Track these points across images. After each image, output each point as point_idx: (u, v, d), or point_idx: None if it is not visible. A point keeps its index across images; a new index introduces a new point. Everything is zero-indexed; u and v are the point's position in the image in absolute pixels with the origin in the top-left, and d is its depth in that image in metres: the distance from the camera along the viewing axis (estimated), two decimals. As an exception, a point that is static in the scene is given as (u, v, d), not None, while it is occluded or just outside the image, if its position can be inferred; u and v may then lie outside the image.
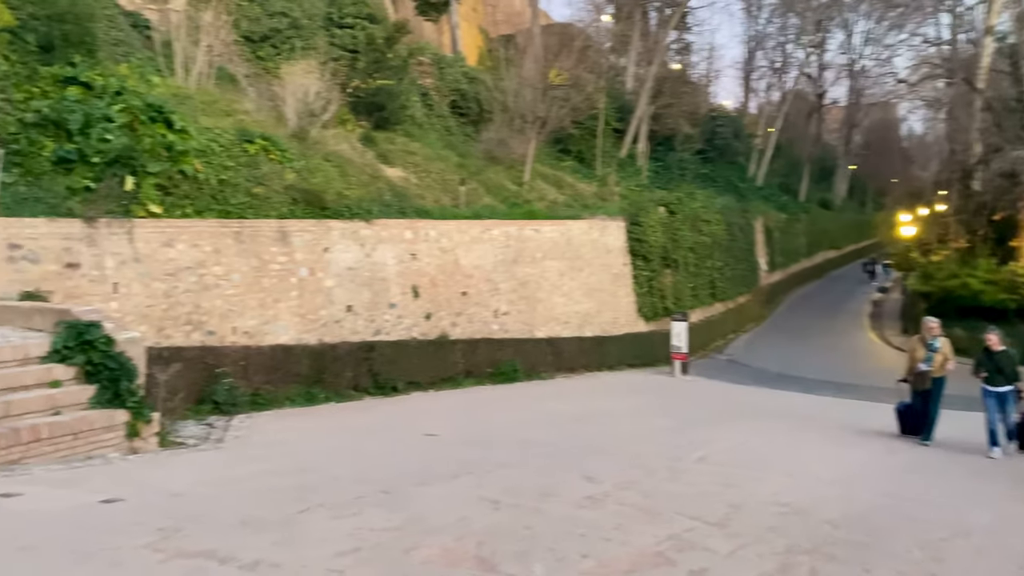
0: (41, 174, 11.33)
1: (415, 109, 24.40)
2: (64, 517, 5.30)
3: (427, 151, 22.04)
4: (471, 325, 17.84)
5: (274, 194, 14.13)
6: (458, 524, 5.25)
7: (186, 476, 7.02)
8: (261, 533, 4.87)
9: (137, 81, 14.69)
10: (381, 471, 7.17)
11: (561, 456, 8.29)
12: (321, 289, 14.30)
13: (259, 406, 12.23)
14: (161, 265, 11.74)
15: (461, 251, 17.79)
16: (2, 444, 7.29)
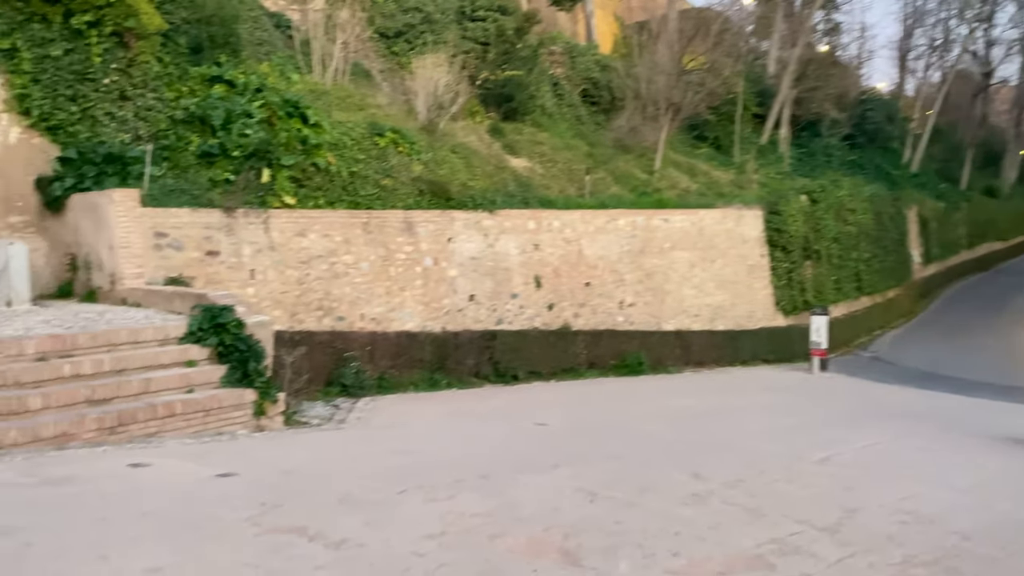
0: (187, 167, 12.13)
1: (545, 99, 24.39)
2: (181, 488, 5.63)
3: (555, 141, 21.98)
4: (595, 316, 17.66)
5: (401, 186, 14.51)
6: (549, 514, 5.17)
7: (301, 454, 7.31)
8: (355, 512, 4.98)
9: (277, 78, 15.48)
10: (485, 457, 7.19)
11: (672, 451, 8.03)
12: (445, 278, 14.56)
13: (384, 389, 12.61)
14: (294, 253, 12.30)
15: (585, 241, 17.62)
16: (140, 418, 7.85)
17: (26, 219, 11.38)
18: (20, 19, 11.19)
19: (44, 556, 3.88)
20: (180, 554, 4.01)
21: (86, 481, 5.78)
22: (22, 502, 5.06)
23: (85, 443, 7.36)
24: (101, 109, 11.83)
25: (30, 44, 11.23)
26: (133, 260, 10.57)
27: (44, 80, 11.31)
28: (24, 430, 7.03)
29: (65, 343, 8.10)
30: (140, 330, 8.77)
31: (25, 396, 7.37)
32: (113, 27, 11.81)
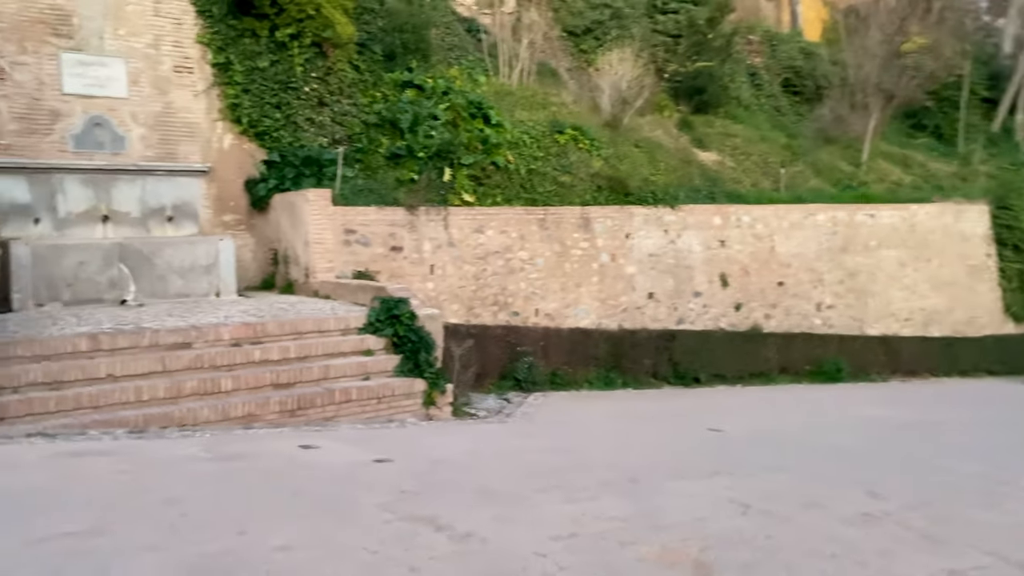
0: (376, 168, 12.79)
1: (741, 90, 23.38)
2: (336, 471, 5.88)
3: (750, 133, 20.95)
4: (788, 318, 16.63)
5: (579, 182, 14.43)
6: (692, 524, 4.85)
7: (458, 445, 7.42)
8: (490, 506, 4.94)
9: (465, 81, 15.93)
10: (641, 459, 6.92)
11: (853, 465, 7.32)
12: (622, 275, 14.31)
13: (557, 386, 12.62)
14: (472, 249, 12.59)
15: (778, 238, 16.65)
16: (319, 403, 8.35)
17: (237, 218, 12.50)
18: (233, 35, 12.30)
19: (191, 526, 4.16)
20: (310, 534, 4.15)
21: (255, 459, 6.19)
22: (195, 475, 5.49)
23: (268, 424, 7.93)
24: (302, 115, 12.75)
25: (241, 57, 12.32)
26: (325, 255, 11.29)
27: (253, 90, 12.36)
28: (215, 409, 7.69)
29: (256, 331, 8.78)
30: (323, 320, 9.34)
31: (219, 378, 8.06)
32: (312, 38, 12.68)
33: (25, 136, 10.88)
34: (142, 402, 7.52)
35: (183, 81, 12.13)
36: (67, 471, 5.30)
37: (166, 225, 11.76)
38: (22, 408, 6.90)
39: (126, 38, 11.68)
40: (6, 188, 10.60)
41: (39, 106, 10.99)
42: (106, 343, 7.86)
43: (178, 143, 12.08)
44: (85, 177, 11.15)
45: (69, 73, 11.19)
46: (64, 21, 11.20)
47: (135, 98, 11.73)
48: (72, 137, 11.19)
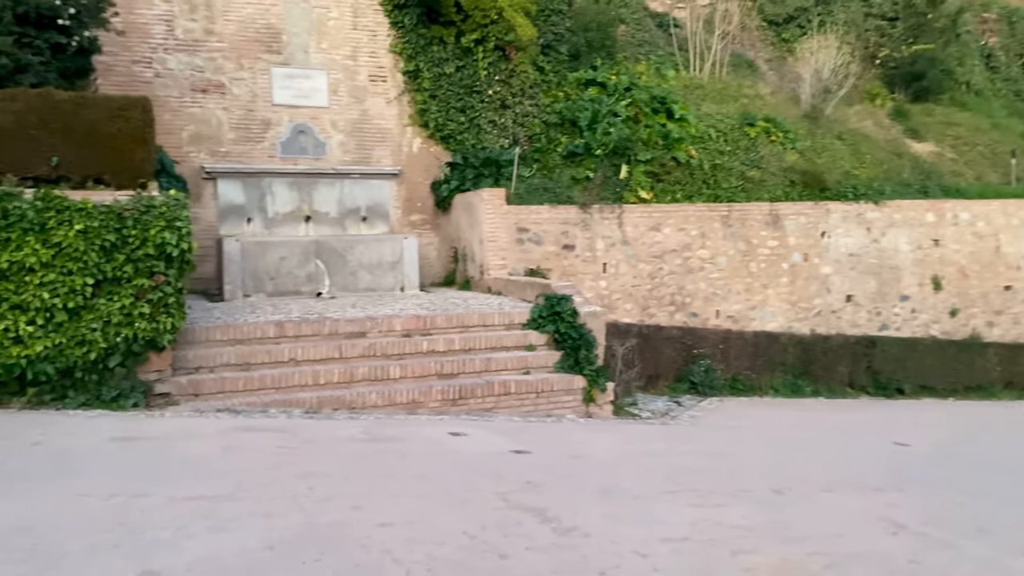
0: (553, 167, 12.92)
1: (972, 74, 21.13)
2: (471, 458, 6.03)
3: (978, 121, 18.85)
4: (1017, 326, 14.81)
5: (770, 177, 13.71)
6: (824, 539, 4.47)
7: (605, 443, 7.33)
8: (607, 504, 4.84)
9: (651, 76, 15.68)
10: (798, 469, 6.47)
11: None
12: (816, 276, 13.41)
13: (737, 391, 12.08)
14: (647, 248, 12.37)
15: (1005, 237, 14.86)
16: (479, 393, 8.59)
17: (424, 217, 13.16)
18: (423, 44, 12.96)
19: (315, 499, 4.45)
20: (419, 515, 4.30)
21: (403, 442, 6.49)
22: (342, 453, 5.87)
23: (430, 411, 8.28)
24: (485, 118, 13.17)
25: (430, 64, 12.95)
26: (498, 253, 11.60)
27: (440, 95, 12.95)
28: (383, 395, 8.15)
29: (425, 323, 9.20)
30: (488, 315, 9.59)
31: (388, 366, 8.54)
32: (496, 42, 13.06)
33: (241, 144, 12.15)
34: (319, 385, 8.13)
35: (377, 89, 12.96)
36: (233, 443, 5.86)
37: (360, 224, 12.62)
38: (215, 386, 7.71)
39: (327, 51, 12.69)
40: (224, 191, 11.90)
41: (252, 116, 12.23)
42: (291, 330, 8.58)
43: (372, 148, 12.93)
44: (291, 180, 12.25)
45: (278, 86, 12.35)
46: (275, 38, 12.38)
47: (335, 106, 12.71)
48: (280, 144, 12.34)
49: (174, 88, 11.79)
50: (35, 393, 6.74)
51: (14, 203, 6.59)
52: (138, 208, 7.08)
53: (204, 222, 11.87)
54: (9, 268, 6.55)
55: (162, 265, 7.15)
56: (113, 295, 6.97)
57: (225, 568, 3.35)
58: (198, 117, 11.94)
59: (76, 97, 7.13)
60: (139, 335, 7.07)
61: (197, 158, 11.87)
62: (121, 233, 6.96)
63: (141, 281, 7.07)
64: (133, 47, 11.53)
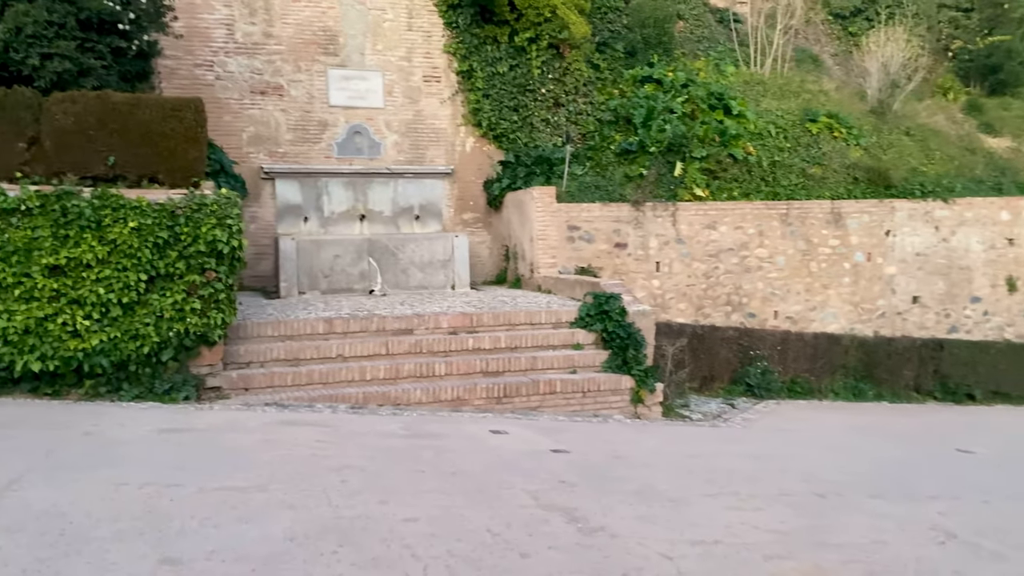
0: (606, 165, 12.79)
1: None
2: (508, 456, 6.00)
3: (1060, 115, 17.92)
4: (1099, 331, 14.01)
5: (832, 174, 13.31)
6: (864, 547, 4.29)
7: (649, 444, 7.20)
8: (641, 505, 4.75)
9: (710, 73, 15.41)
10: (848, 474, 6.23)
11: None
12: (880, 276, 12.95)
13: (795, 394, 11.75)
14: (702, 246, 12.14)
15: (1088, 236, 14.07)
16: (523, 392, 8.55)
17: (476, 216, 13.20)
18: (476, 43, 12.99)
19: (344, 493, 4.49)
20: (445, 511, 4.28)
21: (442, 439, 6.50)
22: (379, 448, 5.90)
23: (475, 409, 8.28)
24: (538, 116, 13.14)
25: (483, 64, 12.97)
26: (548, 251, 11.54)
27: (493, 94, 12.97)
28: (427, 391, 8.19)
29: (472, 321, 9.21)
30: (535, 313, 9.55)
31: (434, 363, 8.57)
32: (549, 40, 13.01)
33: (298, 144, 12.39)
34: (365, 381, 8.22)
35: (431, 89, 13.05)
36: (274, 436, 5.95)
37: (414, 223, 12.73)
38: (265, 380, 7.86)
39: (383, 52, 12.83)
40: (282, 190, 12.15)
41: (310, 118, 12.45)
42: (339, 327, 8.70)
43: (426, 148, 13.02)
44: (346, 180, 12.43)
45: (334, 87, 12.54)
46: (332, 40, 12.58)
47: (389, 107, 12.85)
48: (336, 144, 12.53)
49: (234, 90, 12.09)
50: (91, 385, 6.99)
51: (72, 201, 6.84)
52: (190, 206, 7.26)
53: (262, 221, 12.16)
54: (67, 264, 6.80)
55: (213, 262, 7.32)
56: (165, 291, 7.17)
57: (243, 557, 3.39)
58: (257, 119, 12.21)
59: (131, 99, 7.36)
60: (190, 330, 7.26)
61: (256, 159, 12.15)
62: (174, 230, 7.16)
63: (193, 277, 7.26)
64: (195, 51, 11.87)
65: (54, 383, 6.89)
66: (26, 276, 6.70)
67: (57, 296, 6.79)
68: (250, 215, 12.10)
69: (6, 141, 7.15)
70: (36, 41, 7.52)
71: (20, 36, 7.45)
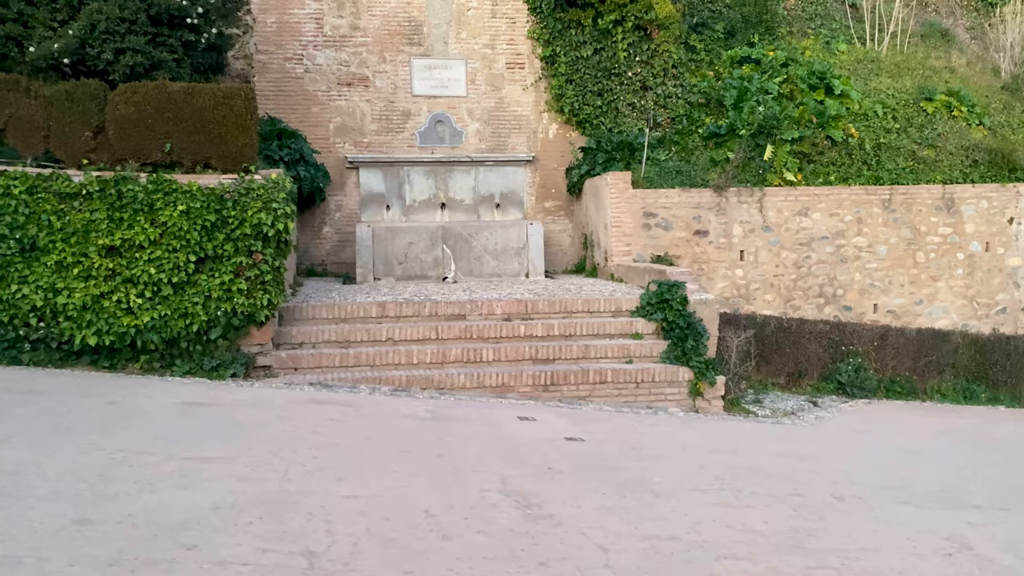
0: (693, 149, 12.27)
1: None
2: (517, 442, 5.85)
3: None
4: None
5: (946, 156, 12.17)
6: (844, 553, 3.85)
7: (683, 437, 6.82)
8: (614, 496, 4.49)
9: (819, 51, 14.48)
10: (889, 479, 5.65)
11: None
12: (1001, 268, 11.73)
13: (894, 394, 10.82)
14: (792, 234, 11.41)
15: None
16: (572, 380, 8.33)
17: (558, 204, 13.02)
18: (560, 28, 12.79)
19: (310, 468, 4.51)
20: (398, 491, 4.21)
21: (462, 423, 6.43)
22: (387, 429, 5.92)
23: (520, 395, 8.15)
24: (623, 100, 12.78)
25: (567, 49, 12.75)
26: (622, 238, 11.20)
27: (576, 79, 12.73)
28: (472, 377, 8.13)
29: (527, 307, 9.06)
30: (594, 300, 9.27)
31: (482, 349, 8.50)
32: (635, 22, 12.62)
33: (382, 134, 12.65)
34: (411, 364, 8.26)
35: (514, 76, 12.97)
36: (290, 414, 6.08)
37: (494, 211, 12.71)
38: (313, 361, 8.07)
39: (467, 41, 12.87)
40: (366, 179, 12.45)
41: (394, 108, 12.68)
42: (392, 311, 8.80)
43: (508, 135, 12.96)
44: (427, 169, 12.57)
45: (418, 77, 12.71)
46: (416, 31, 12.75)
47: (472, 95, 12.88)
48: (418, 134, 12.70)
49: (322, 82, 12.49)
50: (146, 360, 7.41)
51: (128, 186, 7.27)
52: (238, 190, 7.54)
53: (347, 209, 12.51)
54: (122, 245, 7.24)
55: (259, 244, 7.58)
56: (214, 272, 7.49)
57: (156, 522, 3.45)
58: (343, 109, 12.57)
59: (186, 87, 7.74)
60: (238, 309, 7.55)
61: (342, 149, 12.51)
62: (221, 214, 7.46)
63: (240, 259, 7.54)
64: (286, 45, 12.35)
65: (112, 357, 7.35)
66: (84, 256, 7.19)
67: (112, 275, 7.24)
68: (335, 203, 12.49)
69: (74, 130, 7.70)
70: (109, 37, 8.04)
71: (95, 33, 7.99)
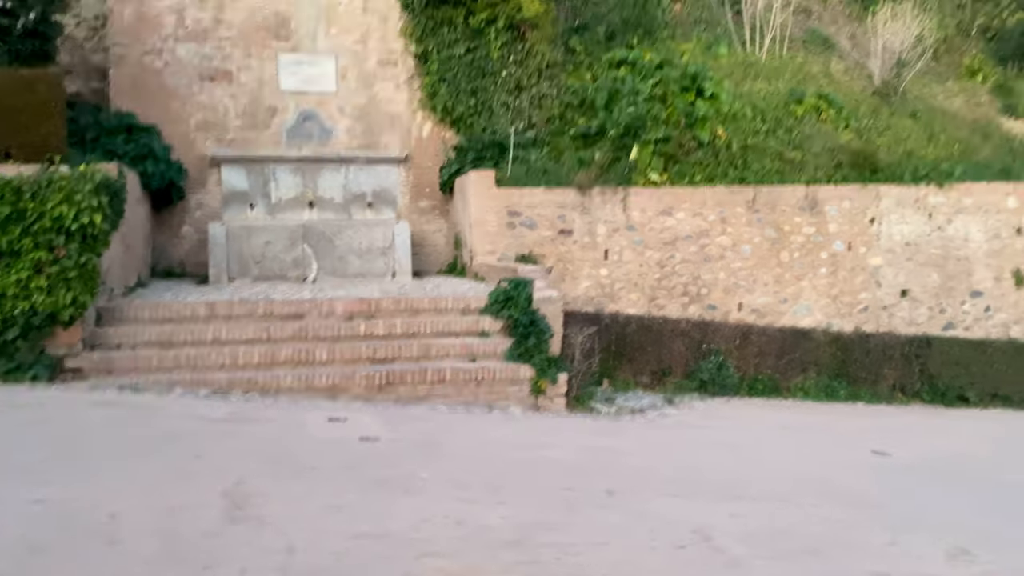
0: (564, 150, 12.17)
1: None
2: (307, 442, 5.57)
3: (1105, 96, 16.30)
4: None
5: (812, 158, 12.33)
6: (570, 547, 3.67)
7: (496, 435, 6.63)
8: (352, 494, 4.25)
9: (700, 55, 14.60)
10: (686, 475, 5.54)
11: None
12: (863, 267, 11.91)
13: (756, 392, 10.89)
14: (657, 233, 11.39)
15: (1114, 225, 12.65)
16: (409, 380, 8.08)
17: (433, 203, 12.78)
18: (432, 25, 12.58)
19: (39, 463, 4.14)
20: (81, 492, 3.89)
21: (258, 424, 6.13)
22: (161, 432, 5.55)
23: (353, 397, 7.86)
24: (498, 100, 12.62)
25: (440, 47, 12.54)
26: (487, 237, 11.02)
27: (449, 78, 12.52)
28: (300, 378, 7.81)
29: (370, 306, 8.79)
30: (441, 299, 9.06)
31: (315, 349, 8.19)
32: (507, 21, 12.49)
33: (247, 131, 12.23)
34: (236, 366, 7.89)
35: (387, 74, 12.71)
36: (55, 416, 5.69)
37: (366, 211, 12.39)
38: (129, 363, 7.64)
39: (337, 36, 12.56)
40: (228, 177, 12.00)
41: (259, 103, 12.28)
42: (223, 311, 8.42)
43: (381, 133, 12.68)
44: (294, 167, 12.19)
45: (286, 72, 12.33)
46: (284, 25, 12.38)
47: (343, 92, 12.56)
48: (285, 130, 12.32)
49: (183, 77, 12.02)
50: (-66, 361, 6.88)
51: (-91, 175, 6.76)
52: (38, 182, 7.09)
53: (208, 208, 12.05)
54: (-100, 238, 6.72)
55: (61, 239, 7.13)
56: (10, 268, 7.01)
57: None
58: (206, 105, 12.11)
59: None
60: (38, 308, 7.08)
61: (204, 145, 12.05)
62: (17, 206, 7.00)
63: (39, 254, 7.08)
64: (144, 38, 11.85)
65: None
66: None
67: None
68: (196, 202, 12.02)
69: None
70: (-96, 18, 7.51)
71: None
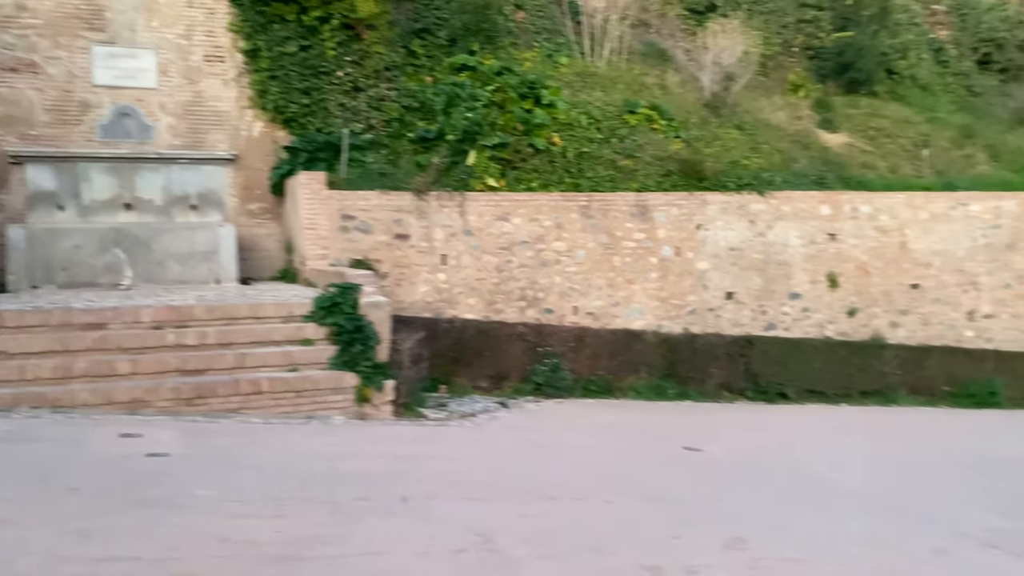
0: (402, 153, 11.99)
1: (920, 67, 20.07)
2: (87, 462, 5.11)
3: (908, 114, 17.78)
4: (925, 328, 13.71)
5: (643, 166, 12.71)
6: (357, 557, 3.48)
7: (311, 447, 6.34)
8: (105, 517, 3.88)
9: (540, 63, 14.77)
10: (491, 477, 5.47)
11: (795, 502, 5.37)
12: (690, 271, 12.38)
13: (591, 393, 11.07)
14: (494, 239, 11.40)
15: (912, 231, 13.79)
16: (221, 392, 7.65)
17: (264, 206, 12.25)
18: (263, 21, 12.08)
19: None
20: None
21: (37, 443, 5.61)
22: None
23: (158, 411, 7.33)
24: (333, 100, 12.26)
25: (271, 44, 12.06)
26: (319, 241, 10.66)
27: (280, 76, 12.06)
28: (98, 393, 7.21)
29: (181, 314, 8.26)
30: (261, 306, 8.65)
31: (116, 361, 7.59)
32: (342, 20, 12.17)
33: (56, 127, 11.29)
34: (24, 381, 7.19)
35: (214, 70, 12.09)
36: None
37: (190, 213, 11.70)
38: None
39: (158, 29, 11.83)
40: (33, 176, 11.02)
41: (69, 98, 11.37)
42: (11, 320, 7.67)
43: (207, 132, 12.04)
44: (109, 166, 11.36)
45: (100, 65, 11.49)
46: (97, 15, 11.54)
47: (164, 88, 11.84)
48: (100, 127, 11.47)
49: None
50: None
51: None
52: None
53: (12, 210, 11.04)
54: None
55: None
56: None
57: None
58: (7, 98, 11.10)
59: None
60: None
61: (4, 142, 11.02)
62: None
63: None
64: (-68, 22, 10.73)
65: None
66: None
67: None
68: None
69: None
70: None
71: None
